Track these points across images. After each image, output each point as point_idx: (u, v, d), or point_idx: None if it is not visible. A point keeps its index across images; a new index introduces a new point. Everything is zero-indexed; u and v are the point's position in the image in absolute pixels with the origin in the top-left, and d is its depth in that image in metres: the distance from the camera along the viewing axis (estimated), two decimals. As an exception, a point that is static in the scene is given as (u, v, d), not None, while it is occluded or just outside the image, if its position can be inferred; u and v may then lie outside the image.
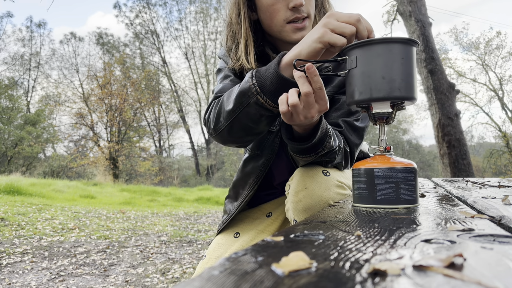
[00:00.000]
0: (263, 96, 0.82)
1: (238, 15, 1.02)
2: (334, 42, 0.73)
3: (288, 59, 0.80)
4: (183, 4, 25.88)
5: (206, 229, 5.13)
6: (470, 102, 19.00)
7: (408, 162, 0.72)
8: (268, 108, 0.84)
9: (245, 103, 0.85)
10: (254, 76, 0.84)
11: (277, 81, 0.80)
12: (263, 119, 0.87)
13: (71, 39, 24.01)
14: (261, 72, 0.84)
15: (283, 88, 0.80)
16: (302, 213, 0.89)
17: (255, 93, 0.83)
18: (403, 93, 0.70)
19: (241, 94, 0.86)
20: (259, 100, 0.83)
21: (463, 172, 6.20)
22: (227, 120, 0.91)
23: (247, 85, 0.84)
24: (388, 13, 9.12)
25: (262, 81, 0.82)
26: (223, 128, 0.93)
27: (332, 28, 0.74)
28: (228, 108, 0.89)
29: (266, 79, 0.82)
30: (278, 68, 0.81)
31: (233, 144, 1.00)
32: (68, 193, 8.29)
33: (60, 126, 22.24)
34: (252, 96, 0.84)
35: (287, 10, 0.97)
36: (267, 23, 1.02)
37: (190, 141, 25.42)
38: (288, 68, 0.80)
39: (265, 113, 0.85)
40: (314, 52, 0.76)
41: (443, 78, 6.60)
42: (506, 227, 0.49)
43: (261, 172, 1.11)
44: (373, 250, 0.35)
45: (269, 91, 0.82)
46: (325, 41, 0.74)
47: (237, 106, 0.87)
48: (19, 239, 3.83)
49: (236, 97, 0.87)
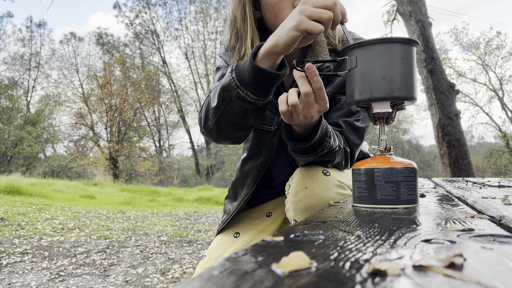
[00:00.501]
0: (243, 89, 0.81)
1: (243, 12, 1.02)
2: (311, 29, 0.72)
3: (264, 49, 0.79)
4: (183, 4, 25.88)
5: (206, 229, 5.13)
6: (470, 102, 19.01)
7: (408, 162, 0.72)
8: (250, 101, 0.83)
9: (227, 98, 0.85)
10: (234, 70, 0.83)
11: (254, 72, 0.79)
12: (248, 113, 0.86)
13: (71, 39, 24.04)
14: (240, 65, 0.83)
15: (262, 79, 0.79)
16: (302, 213, 0.89)
17: (235, 87, 0.82)
18: (403, 93, 0.70)
19: (223, 89, 0.85)
20: (239, 93, 0.82)
21: (463, 172, 6.20)
22: (214, 117, 0.90)
23: (227, 80, 0.84)
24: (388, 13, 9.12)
25: (241, 74, 0.82)
26: (212, 125, 0.92)
27: (309, 15, 0.72)
28: (214, 104, 0.89)
29: (245, 72, 0.81)
30: (254, 60, 0.80)
31: (225, 141, 0.99)
32: (68, 193, 8.29)
33: (60, 126, 22.27)
34: (233, 90, 0.83)
35: (292, 8, 0.97)
36: (272, 21, 1.02)
37: (190, 141, 25.43)
38: (266, 59, 0.79)
39: (248, 106, 0.84)
40: (291, 40, 0.75)
41: (443, 78, 6.60)
42: (506, 227, 0.49)
43: (259, 171, 1.11)
44: (373, 250, 0.35)
45: (249, 84, 0.81)
46: (301, 29, 0.73)
47: (221, 102, 0.87)
48: (19, 239, 3.83)
49: (219, 93, 0.87)
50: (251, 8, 1.01)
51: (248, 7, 1.01)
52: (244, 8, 1.01)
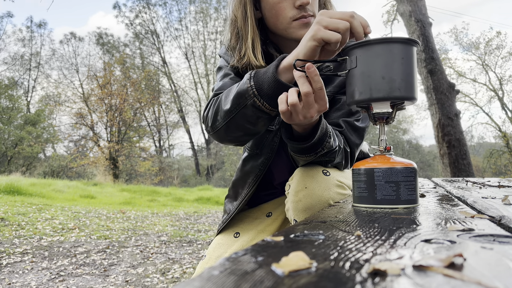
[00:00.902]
0: (260, 99, 0.82)
1: (244, 12, 1.02)
2: (328, 38, 0.73)
3: (287, 62, 0.80)
4: (183, 4, 25.87)
5: (206, 229, 5.13)
6: (470, 102, 19.00)
7: (408, 162, 0.72)
8: (265, 111, 0.84)
9: (242, 104, 0.85)
10: (253, 78, 0.83)
11: (274, 85, 0.80)
12: (260, 120, 0.87)
13: (71, 39, 24.04)
14: (259, 74, 0.83)
15: (281, 92, 0.79)
16: (302, 213, 0.89)
17: (252, 96, 0.82)
18: (403, 93, 0.70)
19: (239, 95, 0.85)
20: (256, 102, 0.83)
21: (463, 172, 6.20)
22: (224, 119, 0.91)
23: (245, 87, 0.84)
24: (388, 13, 9.12)
25: (260, 84, 0.82)
26: (221, 127, 0.93)
27: (325, 25, 0.73)
28: (226, 108, 0.89)
29: (264, 82, 0.81)
30: (276, 72, 0.80)
31: (231, 143, 0.99)
32: (68, 193, 8.29)
33: (60, 126, 22.27)
34: (249, 98, 0.83)
35: (293, 8, 0.97)
36: (273, 22, 1.02)
37: (190, 141, 25.44)
38: (287, 72, 0.80)
39: (262, 115, 0.85)
40: (310, 50, 0.75)
41: (443, 78, 6.60)
42: (506, 227, 0.49)
43: (260, 171, 1.11)
44: (373, 250, 0.35)
45: (267, 95, 0.81)
46: (318, 38, 0.73)
47: (234, 107, 0.87)
48: (19, 239, 3.83)
49: (234, 97, 0.87)
50: (252, 8, 1.01)
51: (249, 7, 1.01)
52: (245, 8, 1.01)
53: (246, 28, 1.02)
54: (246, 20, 1.01)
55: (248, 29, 1.01)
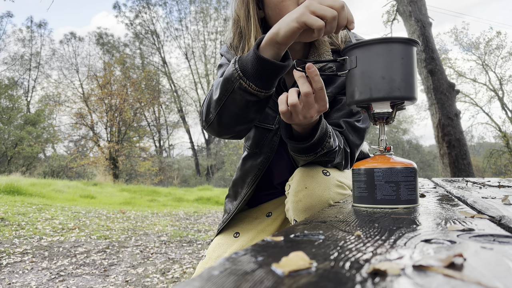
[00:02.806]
0: (246, 80, 0.81)
1: (247, 12, 1.01)
2: (310, 23, 0.72)
3: (266, 37, 0.79)
4: (183, 4, 25.86)
5: (206, 229, 5.13)
6: (470, 102, 19.00)
7: (408, 162, 0.72)
8: (253, 93, 0.82)
9: (230, 89, 0.84)
10: (237, 61, 0.83)
11: (257, 62, 0.79)
12: (250, 105, 0.85)
13: (71, 39, 24.04)
14: (243, 56, 0.83)
15: (265, 70, 0.79)
16: (302, 213, 0.89)
17: (238, 78, 0.82)
18: (403, 93, 0.70)
19: (226, 81, 0.85)
20: (242, 84, 0.81)
21: (463, 172, 6.20)
22: (215, 109, 0.90)
23: (230, 71, 0.83)
24: (388, 13, 9.12)
25: (244, 65, 0.81)
26: (213, 118, 0.92)
27: (312, 10, 0.72)
28: (216, 97, 0.88)
29: (248, 62, 0.81)
30: (257, 50, 0.80)
31: (226, 135, 0.98)
32: (68, 193, 8.29)
33: (60, 126, 22.27)
34: (235, 81, 0.82)
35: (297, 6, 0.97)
36: (276, 20, 1.00)
37: (190, 141, 25.43)
38: (268, 48, 0.79)
39: (250, 98, 0.83)
40: (291, 31, 0.75)
41: (443, 78, 6.60)
42: (506, 227, 0.49)
43: (259, 170, 1.11)
44: (373, 250, 0.35)
45: (251, 74, 0.80)
46: (301, 21, 0.73)
47: (223, 94, 0.86)
48: (19, 239, 3.83)
49: (221, 84, 0.86)
50: (254, 7, 1.01)
51: (252, 6, 1.01)
52: (248, 7, 1.01)
53: (249, 27, 1.01)
54: (249, 19, 1.01)
55: (251, 28, 1.01)
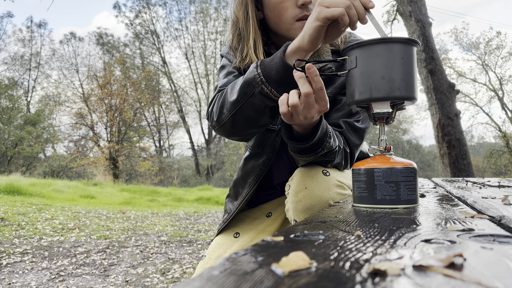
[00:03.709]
0: (268, 86, 0.81)
1: (245, 13, 1.01)
2: (332, 15, 0.72)
3: (292, 46, 0.79)
4: (183, 4, 25.87)
5: (206, 229, 5.13)
6: (470, 102, 19.00)
7: (408, 162, 0.72)
8: (273, 99, 0.83)
9: (249, 93, 0.85)
10: (259, 66, 0.83)
11: (282, 69, 0.79)
12: (267, 110, 0.86)
13: (71, 39, 24.04)
14: (266, 62, 0.83)
15: (289, 77, 0.79)
16: (302, 213, 0.89)
17: (260, 83, 0.82)
18: (403, 93, 0.70)
19: (246, 84, 0.85)
20: (263, 90, 0.82)
21: (463, 172, 6.20)
22: (230, 111, 0.90)
23: (251, 75, 0.84)
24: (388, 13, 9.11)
25: (267, 71, 0.82)
26: (227, 119, 0.92)
27: (326, 5, 0.73)
28: (232, 98, 0.88)
29: (272, 68, 0.81)
30: (284, 57, 0.80)
31: (236, 137, 0.99)
32: (68, 193, 8.29)
33: (60, 126, 22.27)
34: (257, 86, 0.83)
35: (296, 7, 0.97)
36: (275, 21, 1.01)
37: (190, 141, 25.43)
38: (294, 55, 0.79)
39: (269, 103, 0.84)
40: (315, 31, 0.75)
41: (443, 78, 6.60)
42: (506, 227, 0.49)
43: (261, 171, 1.11)
44: (373, 250, 0.35)
45: (274, 81, 0.81)
46: (322, 17, 0.73)
47: (242, 97, 0.86)
48: (19, 239, 3.83)
49: (241, 87, 0.86)
50: (253, 8, 1.01)
51: (251, 7, 1.01)
52: (246, 8, 1.01)
53: (248, 29, 1.01)
54: (248, 21, 1.01)
55: (250, 30, 1.01)
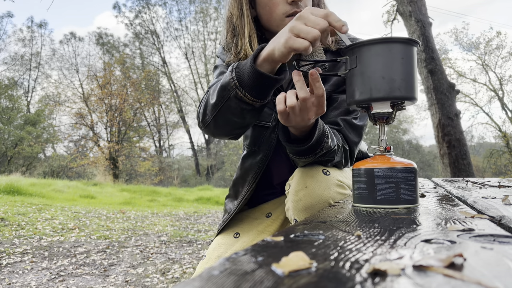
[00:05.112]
0: (242, 90, 0.82)
1: (240, 9, 1.03)
2: (297, 47, 0.72)
3: (264, 54, 0.79)
4: (183, 4, 25.86)
5: (206, 229, 5.13)
6: (470, 102, 19.00)
7: (408, 162, 0.72)
8: (248, 102, 0.84)
9: (226, 97, 0.86)
10: (234, 70, 0.84)
11: (253, 75, 0.80)
12: (245, 112, 0.87)
13: (71, 39, 24.02)
14: (240, 65, 0.84)
15: (260, 82, 0.80)
16: (302, 213, 0.89)
17: (234, 87, 0.83)
18: (403, 93, 0.70)
19: (222, 88, 0.86)
20: (238, 94, 0.83)
21: (463, 172, 6.20)
22: (211, 113, 0.92)
23: (227, 79, 0.85)
24: (388, 13, 9.11)
25: (240, 75, 0.82)
26: (209, 121, 0.94)
27: (296, 33, 0.72)
28: (212, 101, 0.90)
29: (244, 73, 0.82)
30: (254, 63, 0.80)
31: (223, 137, 1.00)
32: (68, 193, 8.29)
33: (60, 126, 22.25)
34: (231, 90, 0.84)
35: (286, 4, 0.98)
36: (266, 18, 1.02)
37: (190, 141, 25.42)
38: (265, 63, 0.79)
39: (245, 107, 0.85)
40: (282, 56, 0.75)
41: (443, 78, 6.60)
42: (506, 227, 0.49)
43: (259, 168, 1.11)
44: (373, 250, 0.35)
45: (247, 85, 0.81)
46: (288, 47, 0.73)
47: (219, 100, 0.88)
48: (19, 239, 3.83)
49: (218, 90, 0.88)
50: (247, 5, 1.03)
51: (245, 3, 1.02)
52: (241, 5, 1.03)
53: (243, 24, 1.03)
54: (242, 16, 1.03)
55: (245, 24, 1.02)
